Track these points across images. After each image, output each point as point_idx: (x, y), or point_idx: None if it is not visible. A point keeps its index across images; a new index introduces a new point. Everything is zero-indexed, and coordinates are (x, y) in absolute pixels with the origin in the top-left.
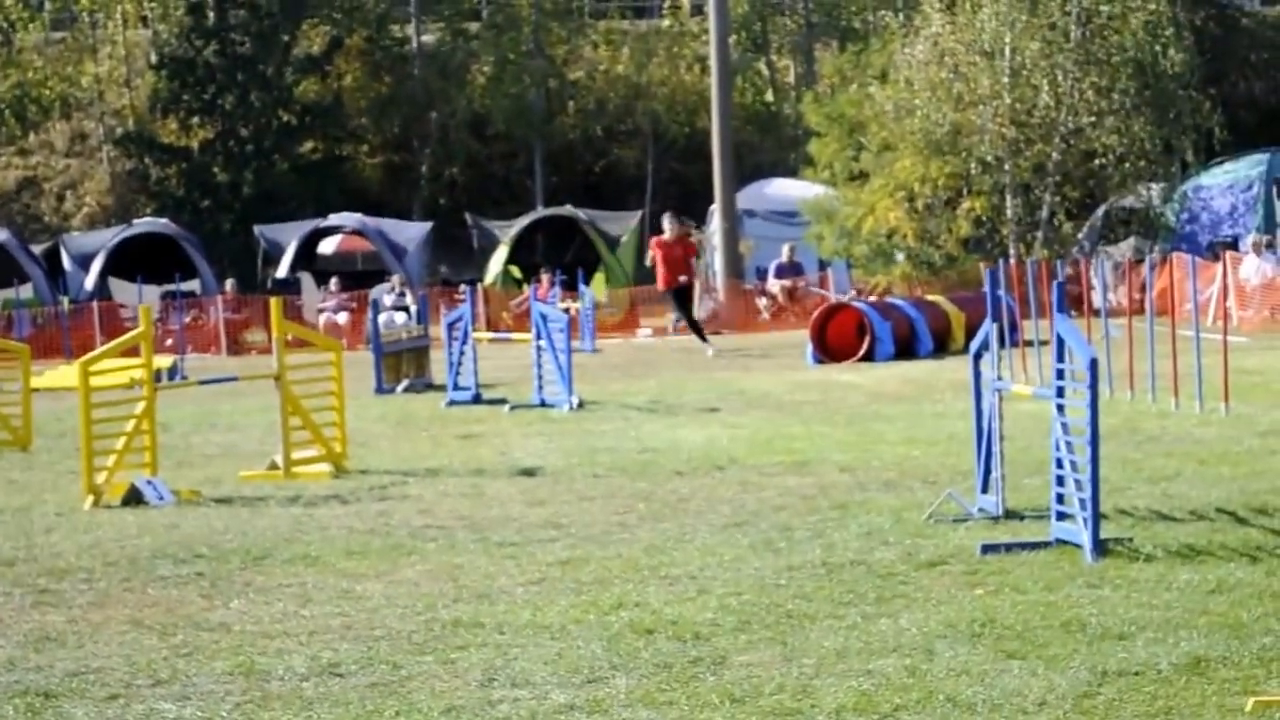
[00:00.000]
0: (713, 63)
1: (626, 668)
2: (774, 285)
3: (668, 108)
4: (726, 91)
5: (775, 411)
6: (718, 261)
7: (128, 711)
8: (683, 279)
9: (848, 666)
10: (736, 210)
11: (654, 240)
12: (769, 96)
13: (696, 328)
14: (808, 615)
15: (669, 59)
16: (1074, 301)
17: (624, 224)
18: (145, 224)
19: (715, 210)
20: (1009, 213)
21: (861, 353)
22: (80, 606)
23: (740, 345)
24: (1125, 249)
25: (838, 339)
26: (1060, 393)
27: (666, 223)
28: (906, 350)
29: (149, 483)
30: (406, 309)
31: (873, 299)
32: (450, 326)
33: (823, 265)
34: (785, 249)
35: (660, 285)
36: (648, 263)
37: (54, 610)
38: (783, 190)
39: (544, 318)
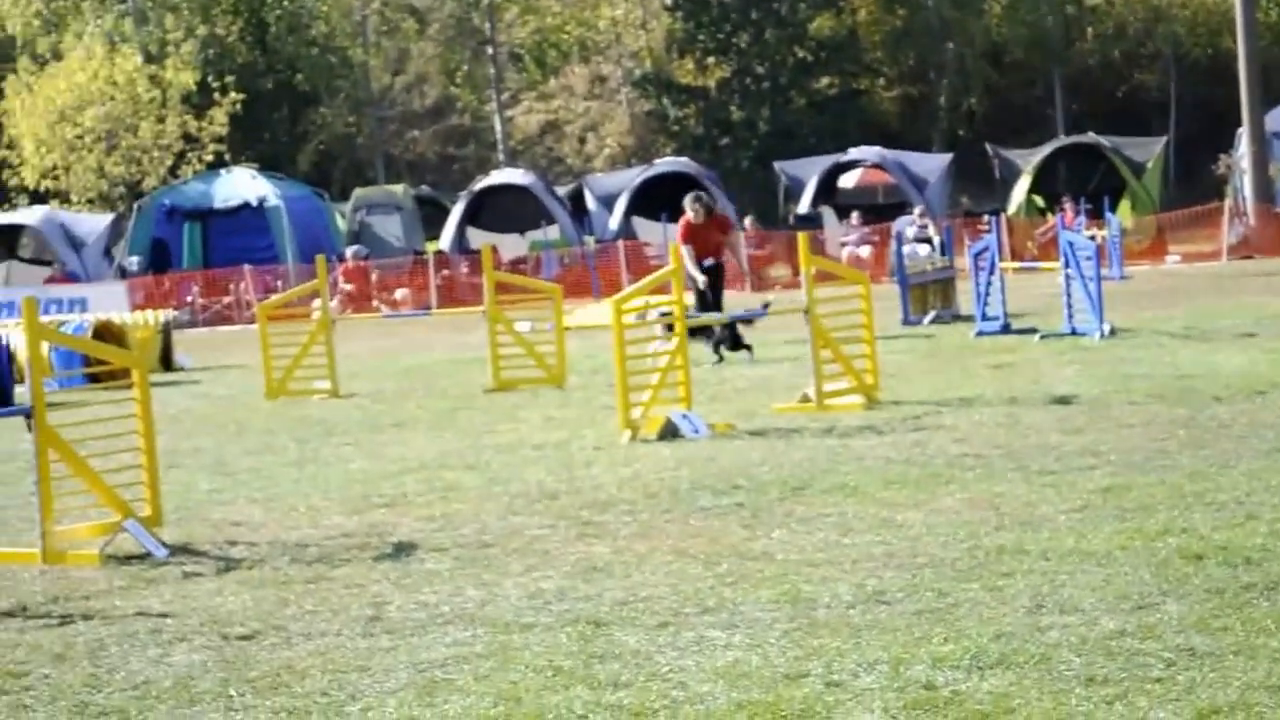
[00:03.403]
0: None
1: (1177, 594)
2: None
3: (1189, 30)
4: (1251, 10)
5: None
6: (1247, 186)
7: (678, 638)
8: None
9: None
10: (1266, 133)
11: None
12: None
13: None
14: None
15: None
16: None
17: (1149, 150)
18: (666, 163)
19: (1243, 134)
20: None
21: None
22: (624, 537)
23: (1275, 269)
24: None
25: None
26: None
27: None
28: None
29: (684, 416)
30: (930, 240)
31: None
32: (976, 257)
33: None
34: None
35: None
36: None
37: (599, 541)
38: None
39: (1072, 246)
